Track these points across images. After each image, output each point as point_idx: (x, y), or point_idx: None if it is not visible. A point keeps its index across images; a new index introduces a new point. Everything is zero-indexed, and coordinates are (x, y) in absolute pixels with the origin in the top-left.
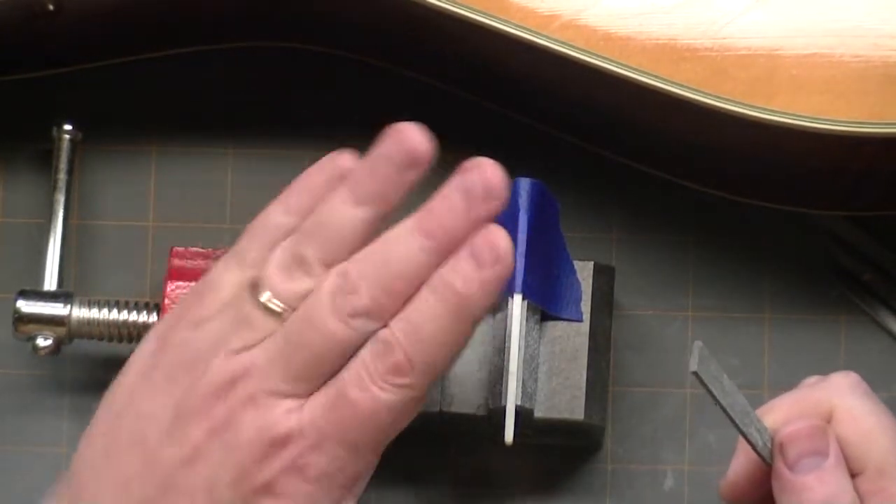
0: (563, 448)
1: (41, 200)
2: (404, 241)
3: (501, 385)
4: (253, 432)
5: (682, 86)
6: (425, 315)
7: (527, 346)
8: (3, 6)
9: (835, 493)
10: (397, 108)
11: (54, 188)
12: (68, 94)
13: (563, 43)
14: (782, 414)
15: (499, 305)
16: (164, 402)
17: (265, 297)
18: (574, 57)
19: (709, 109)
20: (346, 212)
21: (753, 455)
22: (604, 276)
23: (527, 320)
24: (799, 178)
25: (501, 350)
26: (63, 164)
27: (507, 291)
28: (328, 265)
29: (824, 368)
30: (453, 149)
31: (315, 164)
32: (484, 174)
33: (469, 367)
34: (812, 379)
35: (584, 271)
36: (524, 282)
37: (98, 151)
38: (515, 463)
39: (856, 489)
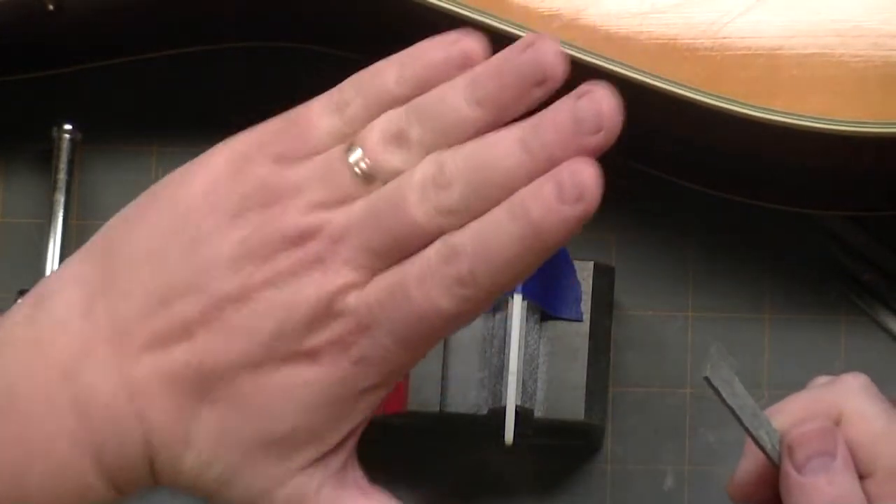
0: (563, 448)
1: (41, 200)
2: (505, 150)
3: (501, 385)
4: (311, 294)
5: (682, 86)
6: (498, 234)
7: (527, 346)
8: (4, 6)
9: (843, 495)
10: None
11: (54, 188)
12: (68, 94)
13: (563, 43)
14: (792, 415)
15: (498, 305)
16: (228, 233)
17: (357, 157)
18: (574, 57)
19: (709, 109)
20: (462, 108)
21: (762, 456)
22: (604, 276)
23: (527, 320)
24: (799, 178)
25: (501, 350)
26: (63, 164)
27: (507, 292)
28: (428, 152)
29: (824, 368)
30: None
31: (437, 38)
32: (599, 105)
33: (469, 367)
34: (822, 379)
35: (583, 271)
36: (524, 282)
37: (98, 151)
38: (515, 463)
39: (865, 492)
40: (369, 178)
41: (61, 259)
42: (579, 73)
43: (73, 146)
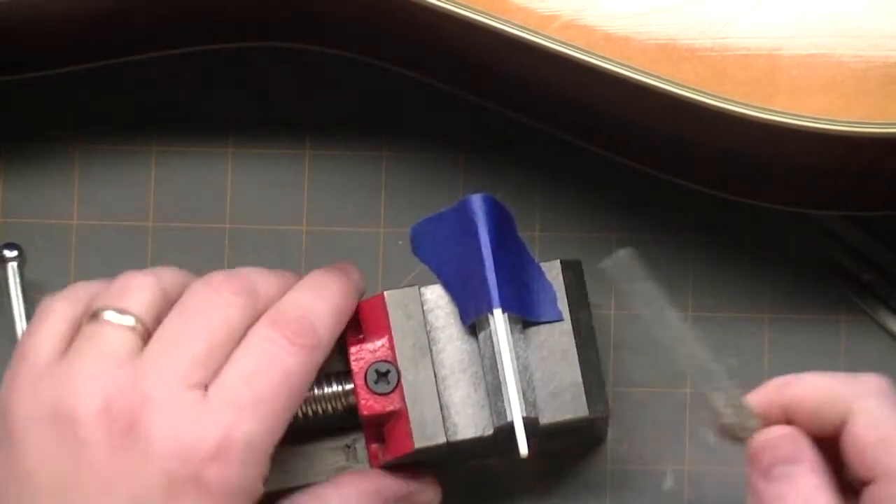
0: (563, 448)
1: (41, 200)
2: None
3: (502, 401)
4: (165, 431)
5: (682, 86)
6: (312, 286)
7: (517, 357)
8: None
9: (806, 501)
10: (397, 108)
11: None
12: (68, 94)
13: (563, 43)
14: (808, 393)
15: (479, 324)
16: (51, 457)
17: (111, 316)
18: (574, 57)
19: (709, 109)
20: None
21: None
22: (572, 270)
23: (511, 332)
24: (799, 178)
25: (492, 368)
26: (15, 293)
27: (486, 308)
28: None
29: (824, 368)
30: (452, 149)
31: None
32: None
33: (464, 392)
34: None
35: (552, 271)
36: (500, 295)
37: (98, 151)
38: (515, 463)
39: (869, 497)
40: (134, 322)
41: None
42: (579, 72)
43: (19, 270)
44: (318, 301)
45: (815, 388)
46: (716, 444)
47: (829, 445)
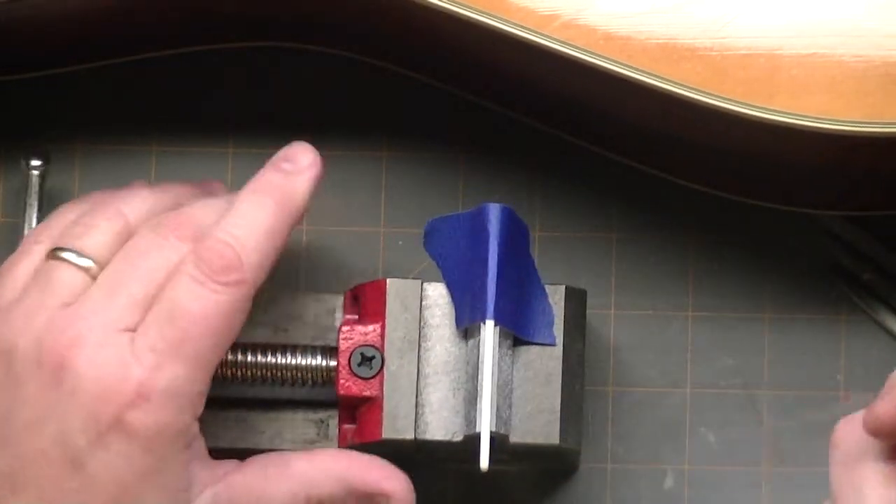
0: (532, 471)
1: (42, 200)
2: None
3: (476, 411)
4: (90, 372)
5: (682, 86)
6: (245, 212)
7: (500, 372)
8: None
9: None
10: (396, 108)
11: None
12: (68, 94)
13: (563, 43)
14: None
15: (470, 331)
16: None
17: (69, 256)
18: (574, 57)
19: (709, 109)
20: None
21: None
22: (575, 299)
23: (499, 346)
24: (799, 178)
25: (475, 376)
26: (33, 200)
27: (479, 317)
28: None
29: (824, 368)
30: (452, 149)
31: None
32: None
33: (443, 394)
34: None
35: (555, 295)
36: (496, 307)
37: (98, 151)
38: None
39: None
40: (91, 263)
41: None
42: (579, 73)
43: (41, 179)
44: (249, 227)
45: None
46: (716, 444)
47: None
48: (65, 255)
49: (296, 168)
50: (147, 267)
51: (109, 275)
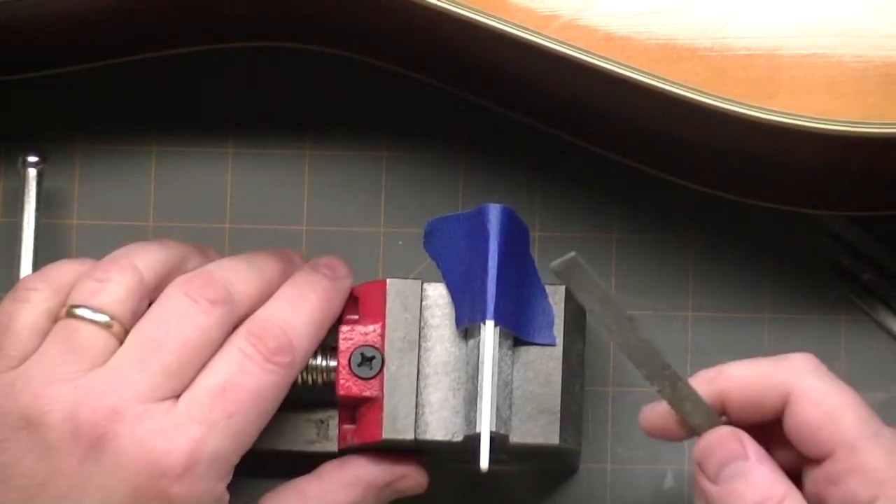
0: (533, 471)
1: (42, 200)
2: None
3: (476, 412)
4: (133, 445)
5: (682, 86)
6: (292, 299)
7: (500, 372)
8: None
9: (765, 491)
10: (396, 108)
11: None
12: (69, 94)
13: (563, 43)
14: (736, 382)
15: (471, 332)
16: (23, 456)
17: (86, 313)
18: (574, 57)
19: (709, 110)
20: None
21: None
22: (575, 299)
23: (500, 346)
24: (799, 178)
25: (475, 376)
26: (31, 199)
27: (479, 317)
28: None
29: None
30: (452, 149)
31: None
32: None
33: (443, 394)
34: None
35: (555, 295)
36: (496, 307)
37: (98, 151)
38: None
39: (824, 474)
40: (109, 320)
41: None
42: (580, 73)
43: (39, 177)
44: (298, 314)
45: (746, 377)
46: None
47: (759, 432)
48: (81, 311)
49: (335, 275)
50: (181, 334)
51: (141, 340)
